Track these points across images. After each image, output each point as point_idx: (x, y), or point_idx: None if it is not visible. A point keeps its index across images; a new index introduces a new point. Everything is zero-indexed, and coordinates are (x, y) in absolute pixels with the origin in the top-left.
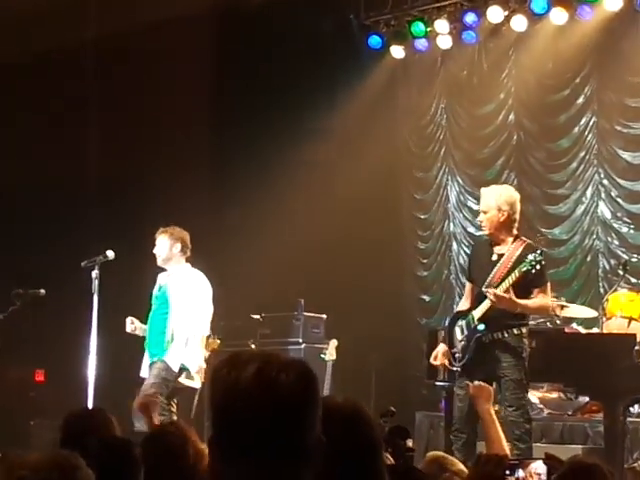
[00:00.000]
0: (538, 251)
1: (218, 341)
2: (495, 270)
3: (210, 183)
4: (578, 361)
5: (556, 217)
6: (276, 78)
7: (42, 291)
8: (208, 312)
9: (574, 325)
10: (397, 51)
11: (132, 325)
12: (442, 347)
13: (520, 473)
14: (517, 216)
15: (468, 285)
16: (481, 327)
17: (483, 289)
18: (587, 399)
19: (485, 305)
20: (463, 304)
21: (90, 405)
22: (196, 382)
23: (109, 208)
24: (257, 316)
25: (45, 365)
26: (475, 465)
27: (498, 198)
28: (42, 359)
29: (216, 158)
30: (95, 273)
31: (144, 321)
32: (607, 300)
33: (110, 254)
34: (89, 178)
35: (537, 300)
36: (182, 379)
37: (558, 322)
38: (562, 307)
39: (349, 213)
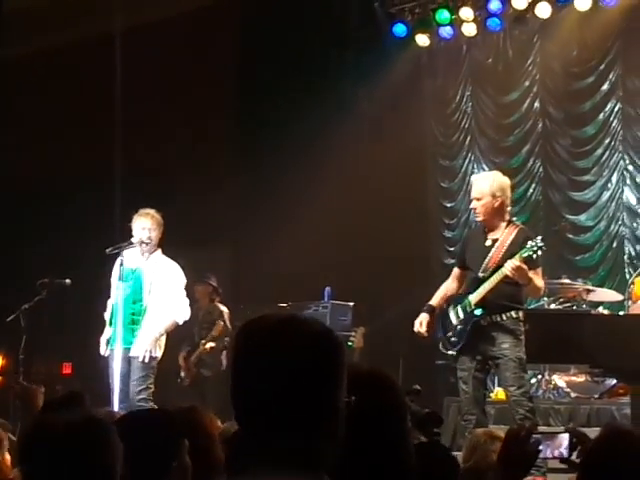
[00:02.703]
0: (539, 238)
1: (221, 324)
2: (490, 255)
3: (236, 169)
4: (605, 342)
5: (582, 204)
6: (300, 67)
7: (68, 281)
8: (185, 297)
9: (600, 309)
10: (422, 39)
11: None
12: (425, 316)
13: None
14: (509, 202)
15: (457, 270)
16: (478, 312)
17: (479, 274)
18: (614, 381)
19: (483, 290)
20: (450, 287)
21: (116, 398)
22: None
23: (135, 196)
24: (284, 304)
25: (72, 358)
26: (507, 441)
27: (492, 184)
28: (69, 351)
29: (242, 145)
30: (121, 259)
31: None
32: (633, 283)
33: (135, 240)
34: (114, 168)
35: (535, 279)
36: None
37: (584, 306)
38: (588, 291)
39: (376, 200)
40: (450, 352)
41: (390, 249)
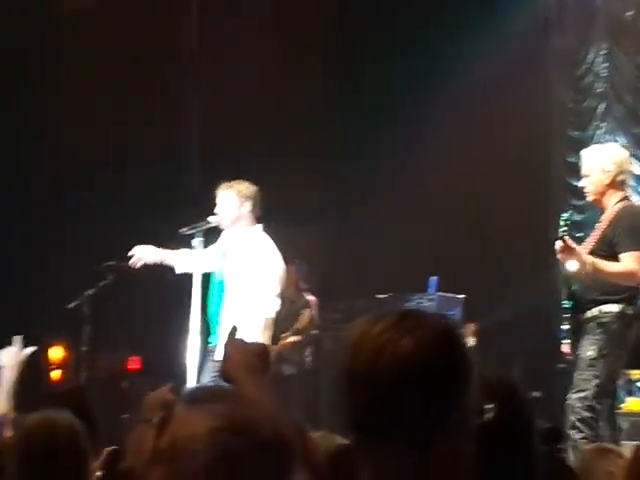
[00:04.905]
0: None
1: (307, 315)
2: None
3: (331, 151)
4: None
5: None
6: (401, 20)
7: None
8: (276, 288)
9: None
10: None
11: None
12: None
13: None
14: (625, 177)
15: None
16: (567, 304)
17: None
18: None
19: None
20: None
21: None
22: None
23: (215, 168)
24: (383, 295)
25: (141, 351)
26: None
27: (602, 158)
28: (137, 344)
29: (335, 121)
30: (197, 241)
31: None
32: None
33: (213, 219)
34: (192, 137)
35: (620, 265)
36: None
37: None
38: None
39: (489, 178)
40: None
41: (506, 234)
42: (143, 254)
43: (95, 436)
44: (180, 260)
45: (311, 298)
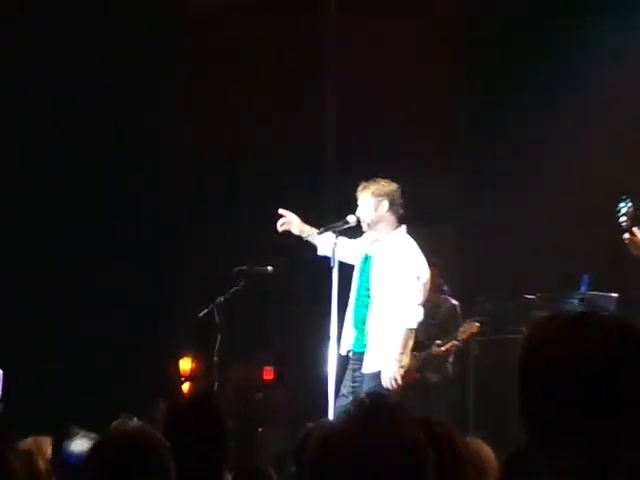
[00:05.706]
0: None
1: (477, 324)
2: None
3: (463, 150)
4: None
5: None
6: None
7: (270, 268)
8: (420, 297)
9: None
10: None
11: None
12: None
13: None
14: None
15: None
16: None
17: None
18: None
19: None
20: None
21: (331, 410)
22: None
23: (347, 172)
24: (531, 296)
25: (275, 360)
26: None
27: None
28: (271, 353)
29: (467, 120)
30: (334, 243)
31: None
32: None
33: (351, 219)
34: (327, 136)
35: None
36: None
37: None
38: None
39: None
40: None
41: None
42: (290, 221)
43: (226, 449)
44: (324, 242)
45: (454, 302)
